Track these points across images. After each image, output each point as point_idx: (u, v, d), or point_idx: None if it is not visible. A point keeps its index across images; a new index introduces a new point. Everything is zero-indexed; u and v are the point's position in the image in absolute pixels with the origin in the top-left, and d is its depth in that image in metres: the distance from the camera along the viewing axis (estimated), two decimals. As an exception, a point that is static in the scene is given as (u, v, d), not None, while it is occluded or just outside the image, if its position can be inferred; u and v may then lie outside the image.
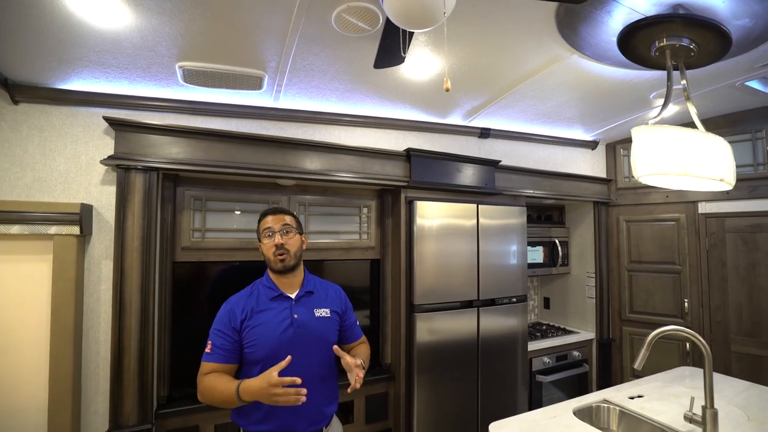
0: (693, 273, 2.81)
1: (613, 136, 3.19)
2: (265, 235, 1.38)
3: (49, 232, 1.77)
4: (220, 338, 1.29)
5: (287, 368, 1.27)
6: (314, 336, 1.36)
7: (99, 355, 1.91)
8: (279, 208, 1.46)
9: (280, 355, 1.26)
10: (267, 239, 1.38)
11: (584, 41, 1.70)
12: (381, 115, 2.48)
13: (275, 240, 1.36)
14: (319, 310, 1.41)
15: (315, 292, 1.45)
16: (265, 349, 1.28)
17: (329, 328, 1.41)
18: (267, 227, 1.38)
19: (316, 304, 1.42)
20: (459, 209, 2.37)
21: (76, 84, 1.86)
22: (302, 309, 1.38)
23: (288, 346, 1.30)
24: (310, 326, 1.36)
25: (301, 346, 1.32)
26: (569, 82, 2.14)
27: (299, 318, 1.35)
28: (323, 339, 1.38)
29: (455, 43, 1.70)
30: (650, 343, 1.40)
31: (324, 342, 1.38)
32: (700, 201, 2.80)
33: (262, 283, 1.42)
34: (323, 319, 1.40)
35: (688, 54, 1.61)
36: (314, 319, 1.38)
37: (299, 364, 1.30)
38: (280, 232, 1.37)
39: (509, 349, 2.51)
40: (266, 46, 1.65)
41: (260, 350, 1.28)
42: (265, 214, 1.43)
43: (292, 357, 1.26)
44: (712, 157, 1.43)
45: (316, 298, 1.43)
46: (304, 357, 1.32)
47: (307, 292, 1.42)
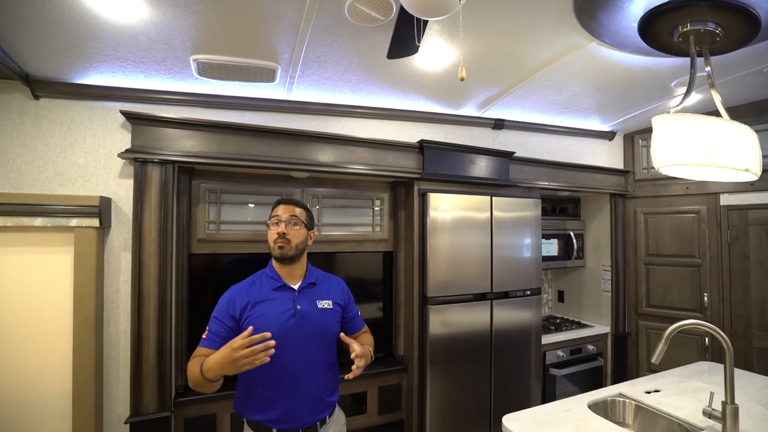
0: (713, 267, 2.74)
1: (631, 126, 3.10)
2: (273, 222, 1.41)
3: (70, 225, 1.81)
4: (217, 325, 1.32)
5: (288, 358, 1.30)
6: (316, 327, 1.38)
7: (119, 344, 1.97)
8: (293, 200, 1.48)
9: (283, 347, 1.28)
10: (273, 226, 1.40)
11: (603, 28, 1.65)
12: (394, 107, 2.47)
13: (279, 228, 1.38)
14: (322, 302, 1.43)
15: (318, 284, 1.47)
16: None
17: (331, 319, 1.43)
18: (276, 215, 1.41)
19: (318, 296, 1.43)
20: (472, 201, 2.35)
21: (94, 78, 1.89)
22: (305, 300, 1.39)
23: (290, 336, 1.31)
24: (313, 317, 1.38)
25: (303, 337, 1.34)
26: (587, 71, 2.09)
27: (302, 309, 1.37)
28: (325, 330, 1.40)
29: (469, 31, 1.67)
30: (668, 337, 1.38)
31: (325, 333, 1.41)
32: (722, 192, 2.71)
33: (266, 273, 1.44)
34: (326, 310, 1.42)
35: (714, 39, 1.55)
36: (317, 310, 1.40)
37: (301, 354, 1.33)
38: (286, 222, 1.39)
39: (522, 342, 2.49)
40: (279, 37, 1.64)
41: None
42: (279, 202, 1.46)
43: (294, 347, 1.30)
44: (737, 146, 1.38)
45: (319, 290, 1.45)
46: (306, 347, 1.34)
47: (309, 283, 1.44)
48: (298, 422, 1.31)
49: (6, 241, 1.80)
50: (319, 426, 1.36)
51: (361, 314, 1.62)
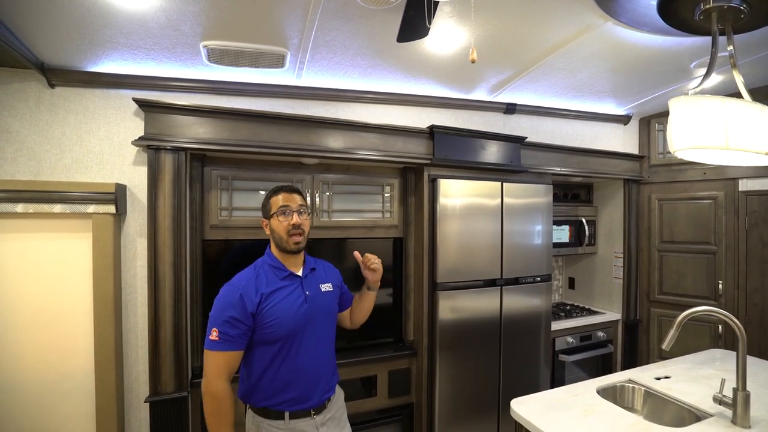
0: (729, 253, 2.69)
1: (647, 110, 3.02)
2: (281, 212, 1.34)
3: (88, 211, 1.86)
4: (231, 325, 1.24)
5: (305, 343, 1.33)
6: (324, 310, 1.41)
7: (137, 327, 2.03)
8: (293, 187, 1.42)
9: (299, 332, 1.32)
10: (282, 216, 1.33)
11: (620, 6, 1.60)
12: (404, 92, 2.44)
13: (293, 219, 1.33)
14: (324, 285, 1.46)
15: (317, 268, 1.49)
16: (284, 327, 1.30)
17: (333, 301, 1.48)
18: (284, 205, 1.34)
19: (320, 280, 1.46)
20: (483, 187, 2.33)
21: (106, 66, 1.91)
22: (311, 286, 1.41)
23: (304, 323, 1.34)
24: (320, 301, 1.41)
25: (315, 321, 1.37)
26: (602, 53, 2.03)
27: (310, 294, 1.39)
28: (330, 312, 1.45)
29: (481, 12, 1.63)
30: (680, 324, 1.37)
31: (331, 315, 1.46)
32: (741, 178, 2.64)
33: (266, 262, 1.38)
34: (329, 293, 1.46)
35: (738, 16, 1.49)
36: (321, 294, 1.43)
37: (314, 338, 1.36)
38: (297, 212, 1.35)
39: (532, 328, 2.50)
40: (288, 22, 1.63)
41: (280, 329, 1.29)
42: (279, 190, 1.38)
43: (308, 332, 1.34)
44: (759, 129, 1.33)
45: (319, 275, 1.48)
46: (318, 331, 1.38)
47: (311, 269, 1.46)
48: (310, 402, 1.35)
49: (28, 227, 1.86)
50: (327, 403, 1.40)
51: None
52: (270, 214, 1.37)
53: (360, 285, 1.58)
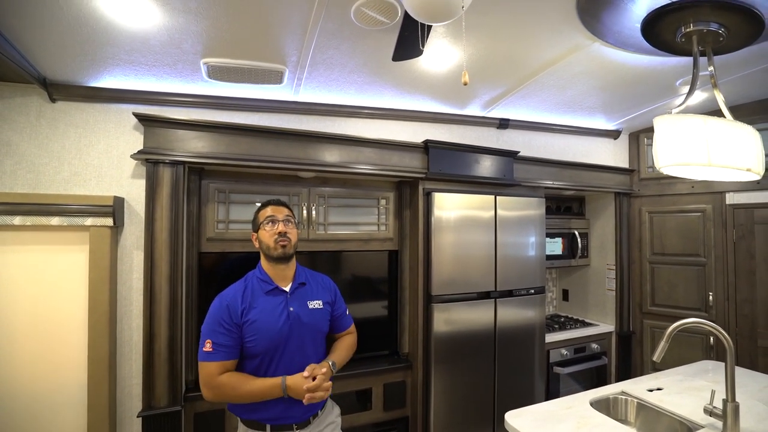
0: (719, 265, 2.74)
1: (636, 125, 3.10)
2: (267, 222, 1.39)
3: (86, 224, 1.87)
4: (222, 335, 1.29)
5: (285, 359, 1.34)
6: (308, 328, 1.39)
7: (132, 340, 2.02)
8: (280, 200, 1.48)
9: (279, 348, 1.32)
10: (269, 226, 1.39)
11: (606, 29, 1.67)
12: (399, 107, 2.50)
13: (278, 228, 1.38)
14: (312, 302, 1.44)
15: (307, 283, 1.48)
16: (264, 342, 1.31)
17: (322, 319, 1.45)
18: (270, 215, 1.40)
19: (309, 296, 1.45)
20: (477, 200, 2.37)
21: (108, 81, 1.95)
22: (296, 302, 1.40)
23: (286, 339, 1.34)
24: (305, 319, 1.39)
25: (297, 338, 1.36)
26: (591, 71, 2.10)
27: (294, 311, 1.38)
28: (316, 330, 1.43)
29: (473, 33, 1.69)
30: (670, 336, 1.39)
31: (317, 333, 1.43)
32: (728, 191, 2.71)
33: (256, 275, 1.42)
34: (316, 311, 1.43)
35: (717, 39, 1.56)
36: (308, 311, 1.41)
37: (295, 355, 1.35)
38: (283, 221, 1.40)
39: (526, 341, 2.52)
40: (287, 41, 1.68)
41: (260, 344, 1.31)
42: (267, 204, 1.45)
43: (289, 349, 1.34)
44: (739, 146, 1.39)
45: (309, 290, 1.46)
46: (299, 348, 1.37)
47: (300, 284, 1.45)
48: (291, 419, 1.34)
49: (25, 240, 1.86)
50: (312, 419, 1.39)
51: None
52: (258, 226, 1.43)
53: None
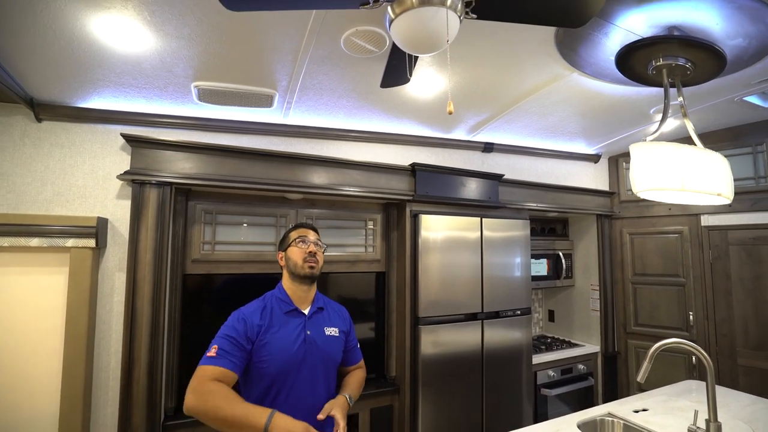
0: (697, 285, 2.81)
1: (615, 149, 3.23)
2: (299, 240, 1.39)
3: (66, 245, 1.83)
4: (231, 344, 1.24)
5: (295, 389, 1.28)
6: (323, 355, 1.35)
7: (110, 366, 1.95)
8: (311, 225, 1.49)
9: (291, 373, 1.27)
10: (301, 244, 1.38)
11: (583, 60, 1.76)
12: (387, 131, 2.55)
13: (310, 248, 1.38)
14: (329, 329, 1.41)
15: (325, 309, 1.46)
16: (278, 364, 1.27)
17: (337, 348, 1.41)
18: (302, 235, 1.40)
19: (326, 323, 1.42)
20: (463, 222, 2.41)
21: (96, 102, 1.95)
22: (314, 327, 1.37)
23: (299, 364, 1.30)
24: (321, 344, 1.35)
25: (311, 364, 1.32)
26: (570, 99, 2.20)
27: (311, 335, 1.35)
28: (330, 359, 1.38)
29: (459, 62, 1.77)
30: (652, 356, 1.42)
31: (331, 362, 1.39)
32: (702, 214, 2.82)
33: (275, 295, 1.40)
34: (332, 338, 1.40)
35: (685, 72, 1.67)
36: (324, 337, 1.38)
37: (308, 381, 1.30)
38: (314, 243, 1.40)
39: (514, 362, 2.51)
40: (278, 66, 1.72)
41: (273, 365, 1.26)
42: (299, 225, 1.46)
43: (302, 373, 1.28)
44: (710, 172, 1.47)
45: (326, 316, 1.44)
46: (313, 374, 1.32)
47: (318, 308, 1.43)
48: None
49: (2, 261, 1.81)
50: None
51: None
52: (287, 245, 1.41)
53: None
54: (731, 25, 1.48)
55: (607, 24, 1.49)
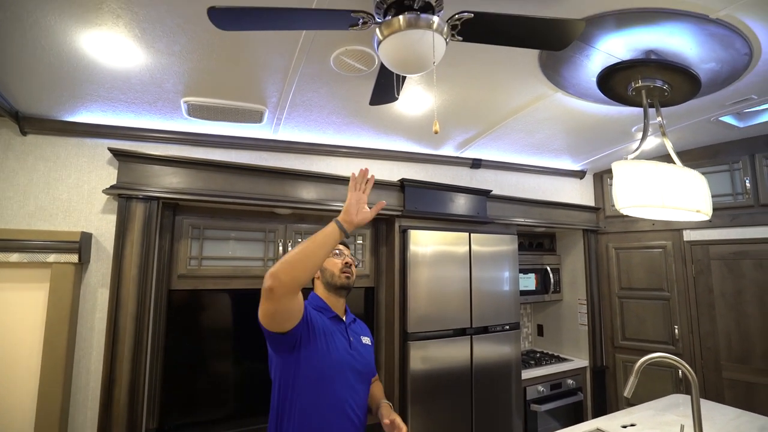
0: (681, 299, 2.86)
1: (599, 166, 3.31)
2: (336, 254, 1.41)
3: (48, 260, 1.79)
4: None
5: (345, 389, 1.25)
6: (364, 362, 1.35)
7: (89, 386, 1.89)
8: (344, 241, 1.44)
9: (337, 374, 1.24)
10: (337, 257, 1.40)
11: (566, 81, 1.82)
12: (376, 147, 2.58)
13: (346, 259, 1.40)
14: (365, 338, 1.41)
15: (356, 320, 1.47)
16: (329, 363, 1.24)
17: (372, 357, 1.42)
18: (339, 249, 1.42)
19: (361, 332, 1.43)
20: (451, 237, 2.43)
21: (84, 116, 1.94)
22: (354, 335, 1.38)
23: (347, 368, 1.28)
24: (362, 352, 1.36)
25: (356, 370, 1.30)
26: (555, 117, 2.26)
27: (354, 341, 1.35)
28: (370, 367, 1.38)
29: (446, 82, 1.81)
30: (638, 371, 1.44)
31: (370, 370, 1.37)
32: (685, 229, 2.88)
33: (311, 304, 1.36)
34: (369, 347, 1.41)
35: (662, 94, 1.74)
36: (362, 345, 1.38)
37: (354, 387, 1.28)
38: (349, 256, 1.42)
39: (503, 378, 2.51)
40: (268, 83, 1.74)
41: (323, 363, 1.23)
42: None
43: (349, 379, 1.26)
44: (688, 189, 1.51)
45: (359, 327, 1.45)
46: (357, 381, 1.30)
47: (352, 320, 1.44)
48: None
49: (-22, 278, 1.76)
50: None
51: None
52: None
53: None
54: (704, 50, 1.55)
55: (588, 47, 1.55)
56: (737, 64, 1.63)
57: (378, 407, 1.37)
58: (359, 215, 1.18)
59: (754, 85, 1.82)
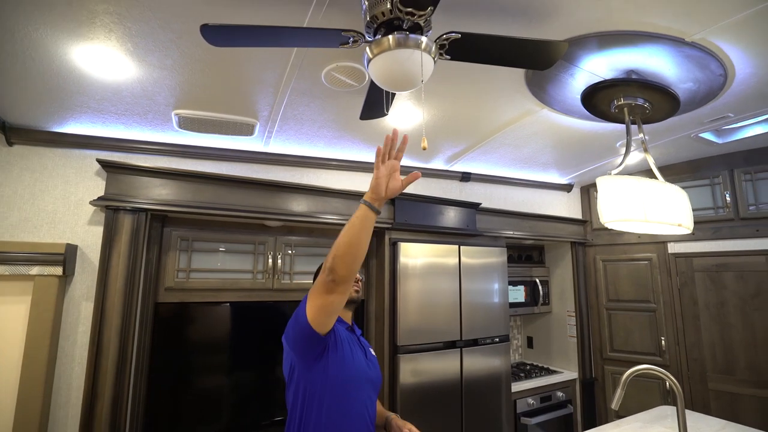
0: (667, 311, 2.90)
1: (586, 179, 3.38)
2: None
3: (31, 273, 1.75)
4: None
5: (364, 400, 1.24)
6: (377, 373, 1.35)
7: (69, 402, 1.84)
8: None
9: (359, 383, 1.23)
10: None
11: (552, 98, 1.88)
12: (366, 160, 2.60)
13: None
14: (372, 351, 1.42)
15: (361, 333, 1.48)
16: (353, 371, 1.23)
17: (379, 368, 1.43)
18: None
19: (369, 345, 1.43)
20: (441, 250, 2.44)
21: (73, 127, 1.93)
22: (366, 347, 1.38)
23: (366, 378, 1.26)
24: (375, 363, 1.36)
25: (372, 380, 1.30)
26: (542, 132, 2.31)
27: (368, 353, 1.36)
28: (380, 379, 1.38)
29: (435, 97, 1.85)
30: (625, 383, 1.45)
31: (380, 382, 1.37)
32: (669, 241, 2.95)
33: None
34: (376, 359, 1.40)
35: (644, 111, 1.80)
36: (372, 356, 1.38)
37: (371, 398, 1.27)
38: None
39: (493, 391, 2.50)
40: (260, 97, 1.76)
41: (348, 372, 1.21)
42: None
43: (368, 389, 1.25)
44: (670, 204, 1.56)
45: (365, 340, 1.45)
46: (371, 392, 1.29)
47: (360, 332, 1.45)
48: None
49: (-43, 291, 1.71)
50: None
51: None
52: None
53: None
54: (682, 71, 1.61)
55: (571, 66, 1.60)
56: (713, 84, 1.70)
57: (386, 419, 1.38)
58: (390, 187, 1.09)
59: (729, 104, 1.90)
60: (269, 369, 2.21)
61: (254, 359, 2.18)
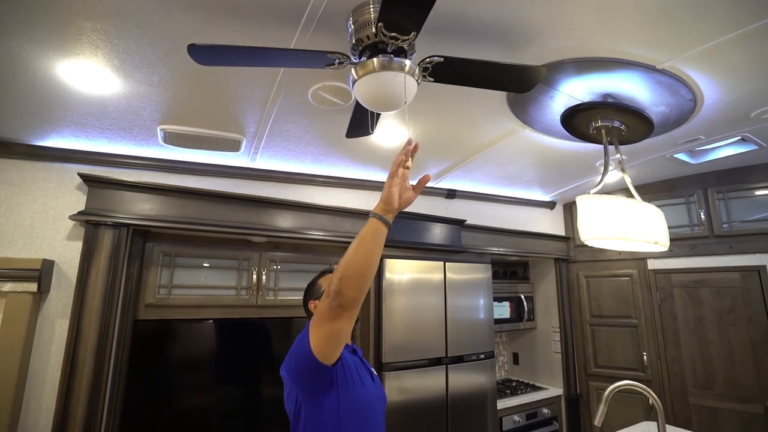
0: (648, 326, 2.95)
1: (568, 197, 3.46)
2: None
3: (3, 290, 1.70)
4: None
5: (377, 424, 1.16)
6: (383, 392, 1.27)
7: (38, 425, 1.76)
8: None
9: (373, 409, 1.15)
10: None
11: (533, 119, 1.94)
12: (353, 177, 2.62)
13: None
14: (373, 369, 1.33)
15: None
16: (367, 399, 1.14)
17: None
18: None
19: (369, 364, 1.34)
20: (427, 266, 2.46)
21: (55, 141, 1.90)
22: (368, 365, 1.30)
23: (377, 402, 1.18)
24: (378, 382, 1.27)
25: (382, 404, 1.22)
26: (525, 151, 2.37)
27: (374, 375, 1.27)
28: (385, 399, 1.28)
29: (419, 117, 1.89)
30: (607, 399, 1.47)
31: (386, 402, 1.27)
32: (648, 258, 3.02)
33: None
34: (378, 378, 1.32)
35: (620, 133, 1.87)
36: (376, 376, 1.29)
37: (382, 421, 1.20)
38: None
39: (479, 408, 2.49)
40: (246, 114, 1.77)
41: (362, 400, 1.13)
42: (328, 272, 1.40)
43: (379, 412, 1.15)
44: (646, 222, 1.61)
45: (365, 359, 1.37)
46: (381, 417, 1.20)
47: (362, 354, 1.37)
48: None
49: (-77, 309, 1.64)
50: None
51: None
52: (321, 292, 1.32)
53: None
54: (655, 96, 1.69)
55: (551, 89, 1.66)
56: (684, 108, 1.78)
57: None
58: (404, 198, 1.00)
59: (700, 126, 1.99)
60: (253, 387, 2.16)
61: (238, 377, 2.13)
